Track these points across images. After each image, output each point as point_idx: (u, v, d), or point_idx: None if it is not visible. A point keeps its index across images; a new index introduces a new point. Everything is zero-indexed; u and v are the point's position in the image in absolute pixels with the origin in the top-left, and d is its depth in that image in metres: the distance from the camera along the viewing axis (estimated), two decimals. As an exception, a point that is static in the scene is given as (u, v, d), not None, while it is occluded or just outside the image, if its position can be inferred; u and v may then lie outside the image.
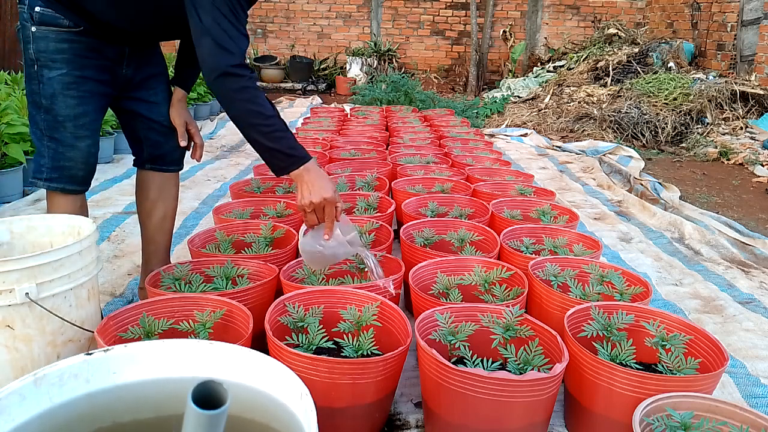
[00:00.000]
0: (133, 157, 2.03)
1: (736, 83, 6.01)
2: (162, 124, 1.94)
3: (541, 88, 7.32)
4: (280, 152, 1.62)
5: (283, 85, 8.85)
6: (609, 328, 1.57)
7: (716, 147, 5.24)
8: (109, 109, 1.94)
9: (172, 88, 2.00)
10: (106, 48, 1.75)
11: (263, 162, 1.71)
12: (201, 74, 1.64)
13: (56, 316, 1.42)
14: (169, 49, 2.57)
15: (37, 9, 1.64)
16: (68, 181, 1.76)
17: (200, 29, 1.52)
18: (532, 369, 1.43)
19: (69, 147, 1.73)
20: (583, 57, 7.57)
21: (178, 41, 1.99)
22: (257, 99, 1.57)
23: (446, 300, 1.77)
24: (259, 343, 1.50)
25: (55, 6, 1.65)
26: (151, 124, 1.93)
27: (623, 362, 1.45)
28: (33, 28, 1.66)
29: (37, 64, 1.68)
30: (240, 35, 1.55)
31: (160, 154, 1.98)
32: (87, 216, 1.88)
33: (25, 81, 1.73)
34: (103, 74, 1.77)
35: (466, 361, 1.46)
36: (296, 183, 1.66)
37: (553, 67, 8.05)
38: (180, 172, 2.10)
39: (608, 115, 5.90)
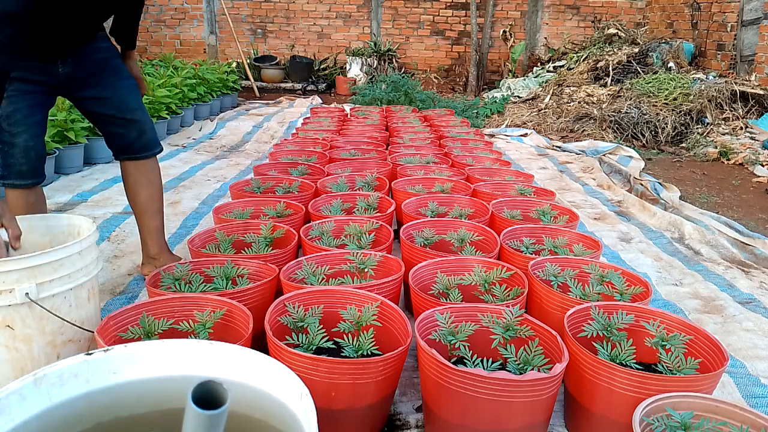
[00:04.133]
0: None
1: (736, 83, 6.01)
2: (116, 117, 2.02)
3: (541, 88, 7.32)
4: None
5: (283, 85, 8.85)
6: (609, 328, 1.57)
7: (716, 147, 5.24)
8: None
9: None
10: (28, 51, 1.82)
11: (263, 162, 1.71)
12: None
13: (56, 316, 1.42)
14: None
15: None
16: (16, 176, 1.89)
17: None
18: (532, 369, 1.43)
19: (9, 144, 1.85)
20: (583, 57, 7.57)
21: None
22: None
23: (446, 300, 1.77)
24: (259, 343, 1.51)
25: None
26: (108, 119, 2.03)
27: (623, 362, 1.45)
28: None
29: None
30: None
31: (126, 144, 2.08)
32: (45, 209, 2.01)
33: None
34: (34, 74, 1.86)
35: (466, 361, 1.47)
36: None
37: (553, 67, 8.05)
38: (158, 155, 2.19)
39: (608, 115, 5.89)
